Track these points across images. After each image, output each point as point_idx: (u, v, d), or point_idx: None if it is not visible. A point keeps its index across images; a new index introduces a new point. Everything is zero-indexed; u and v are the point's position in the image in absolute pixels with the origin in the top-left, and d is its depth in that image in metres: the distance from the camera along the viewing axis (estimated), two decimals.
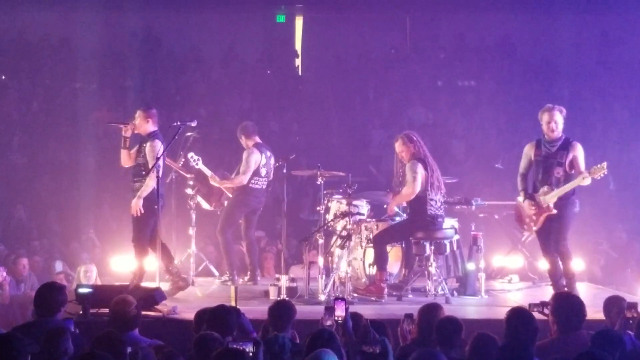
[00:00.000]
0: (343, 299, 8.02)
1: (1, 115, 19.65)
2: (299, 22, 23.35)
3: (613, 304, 8.59)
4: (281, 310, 8.03)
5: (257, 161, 12.64)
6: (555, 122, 10.85)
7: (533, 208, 10.81)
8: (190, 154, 12.70)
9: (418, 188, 11.26)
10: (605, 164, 10.56)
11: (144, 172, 11.18)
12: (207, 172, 12.76)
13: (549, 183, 10.74)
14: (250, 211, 12.86)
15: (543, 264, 13.40)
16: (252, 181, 12.64)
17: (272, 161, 12.88)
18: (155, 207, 10.93)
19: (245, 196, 12.70)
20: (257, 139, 12.86)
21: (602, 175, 10.58)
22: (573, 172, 10.67)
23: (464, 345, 7.41)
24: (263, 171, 12.71)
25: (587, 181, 10.60)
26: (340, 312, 7.84)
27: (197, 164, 12.64)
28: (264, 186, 12.82)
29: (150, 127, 11.36)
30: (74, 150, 18.51)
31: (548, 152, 10.83)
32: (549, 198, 10.71)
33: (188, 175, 12.87)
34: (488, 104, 20.37)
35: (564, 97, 19.69)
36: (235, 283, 12.58)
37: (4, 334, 6.47)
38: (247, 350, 6.54)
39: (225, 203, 12.92)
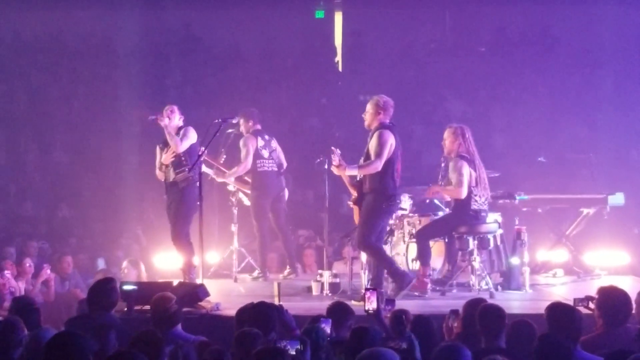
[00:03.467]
0: (374, 289, 7.96)
1: (43, 115, 19.81)
2: (338, 17, 23.33)
3: None
4: (340, 312, 8.00)
5: (254, 144, 12.59)
6: (366, 112, 10.76)
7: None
8: None
9: (465, 190, 11.15)
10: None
11: (185, 162, 11.25)
12: (208, 171, 12.63)
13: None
14: (275, 199, 12.83)
15: (588, 258, 13.36)
16: (258, 165, 12.62)
17: (274, 144, 12.86)
18: (198, 202, 10.98)
19: (259, 183, 12.70)
20: (257, 126, 12.80)
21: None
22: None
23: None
24: (265, 153, 12.67)
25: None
26: (371, 304, 7.79)
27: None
28: (274, 168, 12.75)
29: (180, 121, 11.55)
30: (116, 148, 18.60)
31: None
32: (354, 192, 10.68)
33: (225, 171, 12.86)
34: (530, 97, 20.23)
35: (607, 88, 19.55)
36: (266, 279, 12.62)
37: (67, 332, 6.48)
38: (294, 348, 6.51)
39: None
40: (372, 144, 10.50)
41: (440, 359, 6.29)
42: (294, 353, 6.52)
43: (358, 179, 10.65)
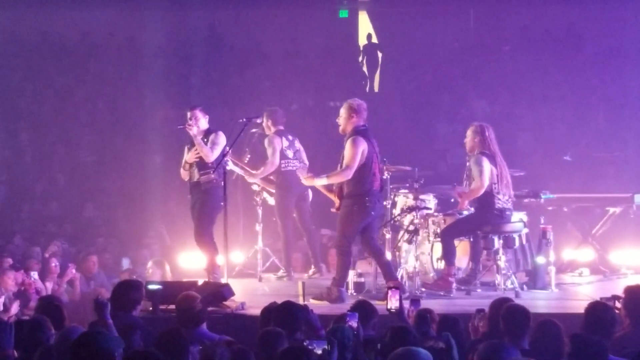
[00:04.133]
0: (397, 288, 7.93)
1: (69, 115, 19.92)
2: (362, 17, 23.34)
3: None
4: (363, 311, 7.96)
5: (279, 143, 12.57)
6: (339, 116, 10.85)
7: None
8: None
9: (486, 182, 11.14)
10: None
11: (209, 163, 11.21)
12: (240, 171, 12.63)
13: None
14: (299, 198, 12.83)
15: (614, 257, 13.29)
16: (282, 165, 12.58)
17: (298, 144, 12.83)
18: (222, 203, 10.96)
19: (283, 182, 12.67)
20: (279, 127, 12.80)
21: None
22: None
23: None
24: (289, 153, 12.66)
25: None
26: (393, 303, 7.76)
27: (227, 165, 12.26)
28: (298, 168, 12.78)
29: (206, 122, 11.44)
30: (141, 148, 18.67)
31: None
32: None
33: (254, 172, 12.87)
34: (554, 95, 20.15)
35: (633, 87, 19.43)
36: (291, 278, 12.62)
37: (94, 331, 6.49)
38: (321, 348, 6.49)
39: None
40: (345, 151, 10.59)
41: (486, 356, 6.27)
42: (320, 353, 6.50)
43: (335, 187, 10.75)
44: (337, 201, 10.73)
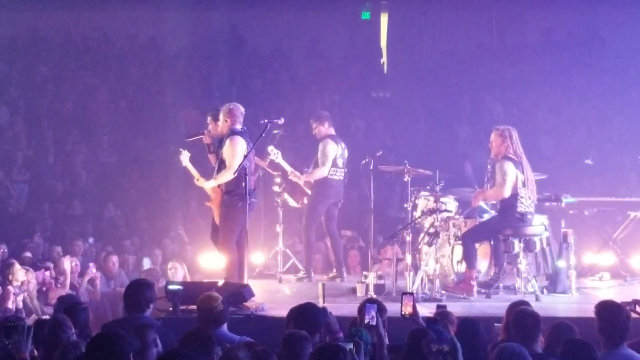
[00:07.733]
0: (411, 293, 7.96)
1: (91, 115, 19.96)
2: (384, 18, 23.30)
3: None
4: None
5: (334, 151, 12.59)
6: (219, 121, 11.13)
7: None
8: (271, 147, 12.60)
9: (507, 192, 11.13)
10: None
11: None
12: (287, 167, 12.73)
13: None
14: (332, 204, 12.81)
15: (635, 262, 13.23)
16: (331, 172, 12.61)
17: (347, 153, 12.84)
18: (240, 214, 10.90)
19: (324, 188, 12.67)
20: (332, 131, 12.80)
21: None
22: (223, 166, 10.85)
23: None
24: (340, 162, 12.67)
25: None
26: (407, 308, 7.75)
27: (276, 158, 12.58)
28: (342, 177, 12.76)
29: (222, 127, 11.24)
30: (162, 148, 18.70)
31: None
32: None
33: (275, 173, 12.90)
34: (577, 99, 20.09)
35: None
36: (311, 280, 12.62)
37: (108, 332, 6.48)
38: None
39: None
40: (226, 152, 10.79)
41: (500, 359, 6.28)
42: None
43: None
44: (212, 195, 11.02)
